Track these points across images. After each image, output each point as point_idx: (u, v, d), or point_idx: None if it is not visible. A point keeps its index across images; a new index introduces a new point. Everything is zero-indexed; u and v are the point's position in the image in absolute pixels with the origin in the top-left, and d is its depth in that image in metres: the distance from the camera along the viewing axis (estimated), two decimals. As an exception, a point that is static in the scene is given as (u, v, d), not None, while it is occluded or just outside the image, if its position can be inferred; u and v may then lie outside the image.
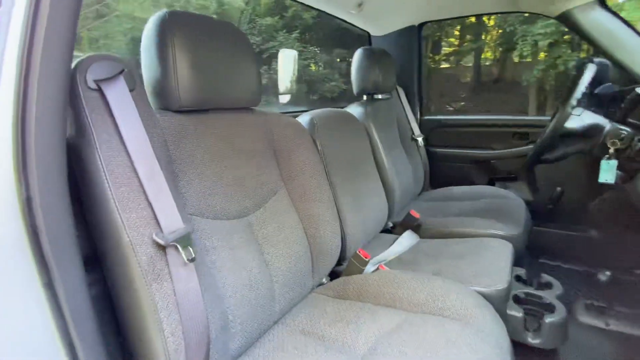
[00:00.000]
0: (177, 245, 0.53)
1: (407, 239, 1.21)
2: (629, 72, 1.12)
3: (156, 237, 0.52)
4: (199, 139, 0.70)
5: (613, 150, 1.03)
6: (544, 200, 1.60)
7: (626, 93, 1.07)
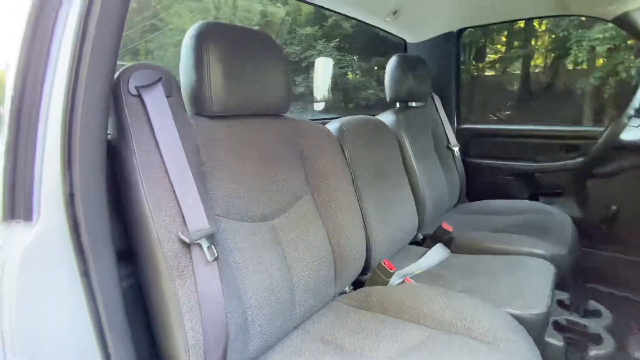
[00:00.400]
0: (201, 243, 0.56)
1: (437, 253, 1.16)
2: None
3: (182, 235, 0.55)
4: (229, 144, 0.73)
5: None
6: (596, 219, 1.45)
7: None
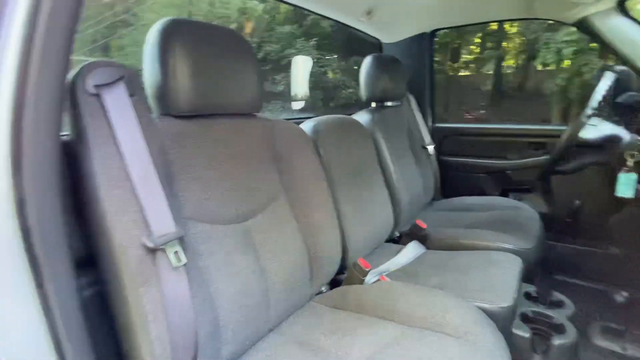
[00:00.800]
0: (166, 248, 0.54)
1: (413, 250, 1.18)
2: None
3: (145, 240, 0.53)
4: (198, 144, 0.71)
5: (632, 162, 0.97)
6: (561, 213, 1.52)
7: None
